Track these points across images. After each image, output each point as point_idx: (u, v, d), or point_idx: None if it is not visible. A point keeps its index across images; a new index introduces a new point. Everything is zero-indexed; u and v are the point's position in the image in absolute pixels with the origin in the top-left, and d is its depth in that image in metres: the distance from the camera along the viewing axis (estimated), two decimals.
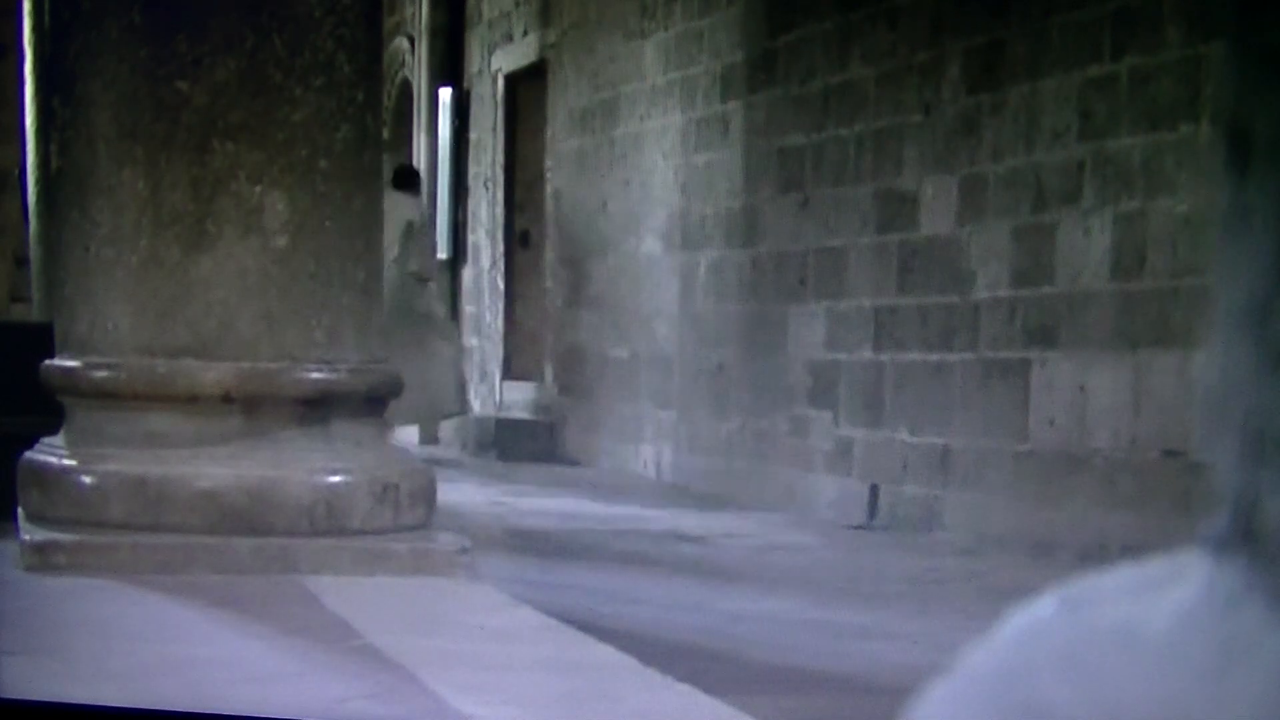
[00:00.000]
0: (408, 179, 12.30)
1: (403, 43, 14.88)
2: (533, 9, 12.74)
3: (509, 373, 13.01)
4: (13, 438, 5.91)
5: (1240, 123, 0.54)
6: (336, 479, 5.51)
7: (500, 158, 13.38)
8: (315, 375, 5.60)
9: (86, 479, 5.52)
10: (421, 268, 11.81)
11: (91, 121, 5.71)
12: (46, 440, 5.78)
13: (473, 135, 13.93)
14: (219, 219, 5.56)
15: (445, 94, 14.27)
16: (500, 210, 13.41)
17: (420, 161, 14.44)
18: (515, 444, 12.22)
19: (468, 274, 13.99)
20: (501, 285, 13.37)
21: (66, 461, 5.61)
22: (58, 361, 5.84)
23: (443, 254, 13.84)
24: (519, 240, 13.28)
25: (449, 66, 14.32)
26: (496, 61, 13.45)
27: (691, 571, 7.03)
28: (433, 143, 14.42)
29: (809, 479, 9.10)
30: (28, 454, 5.75)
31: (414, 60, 14.80)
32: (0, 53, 11.51)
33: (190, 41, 5.56)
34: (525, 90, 13.12)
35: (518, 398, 12.74)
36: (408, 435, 12.35)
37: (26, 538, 5.41)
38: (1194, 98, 6.63)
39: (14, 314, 12.52)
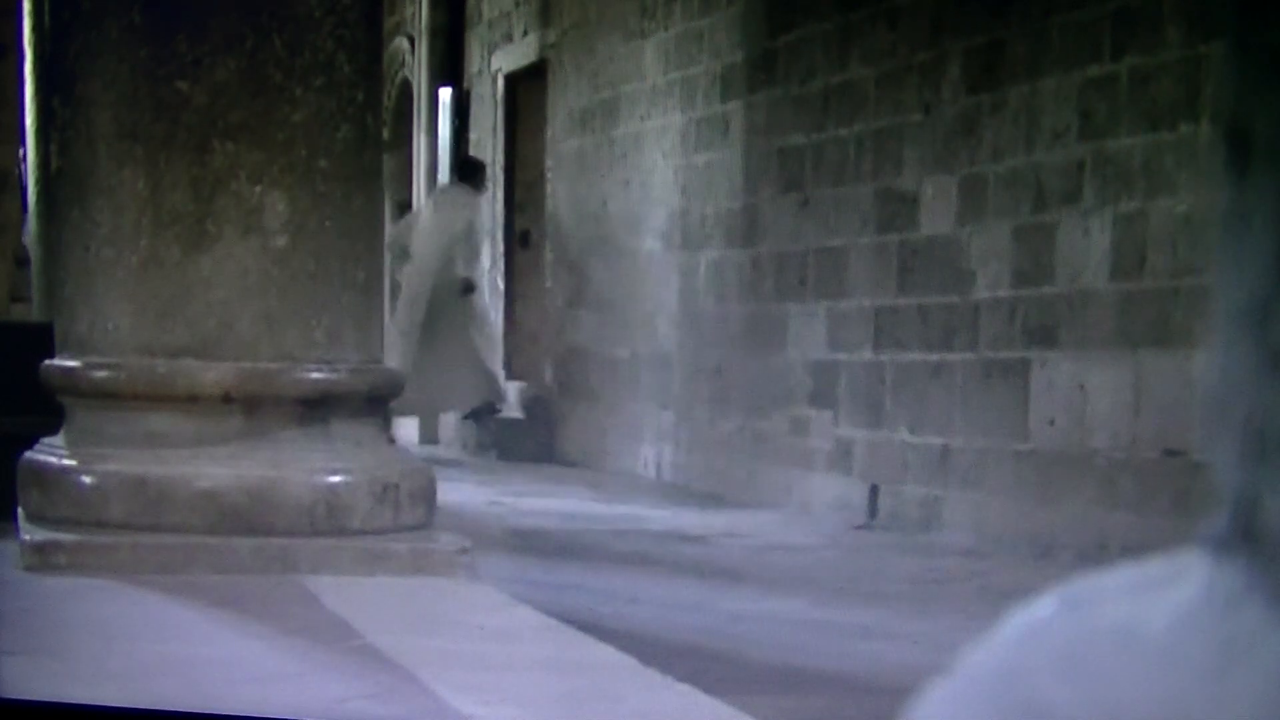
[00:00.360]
0: (473, 171, 12.29)
1: (403, 43, 14.88)
2: (533, 9, 12.74)
3: (509, 373, 13.01)
4: (13, 438, 5.91)
5: (1240, 123, 0.54)
6: (336, 479, 5.51)
7: (500, 158, 13.37)
8: (315, 375, 5.60)
9: (86, 479, 5.52)
10: (470, 274, 11.83)
11: (91, 121, 5.71)
12: (46, 440, 5.77)
13: (473, 135, 13.92)
14: (219, 219, 5.56)
15: (445, 94, 14.26)
16: (500, 210, 13.40)
17: (420, 161, 14.43)
18: (515, 444, 12.22)
19: None
20: (501, 285, 13.37)
21: (66, 461, 5.61)
22: (58, 361, 5.83)
23: None
24: (519, 240, 13.28)
25: (449, 66, 14.31)
26: (496, 61, 13.44)
27: (692, 571, 7.03)
28: (433, 143, 14.41)
29: (809, 479, 9.10)
30: (28, 454, 5.74)
31: (414, 60, 14.79)
32: (0, 53, 11.51)
33: (190, 41, 5.56)
34: (525, 90, 13.12)
35: (518, 398, 12.74)
36: (408, 435, 12.35)
37: (26, 538, 5.41)
38: (1194, 98, 6.63)
39: (14, 314, 12.53)
